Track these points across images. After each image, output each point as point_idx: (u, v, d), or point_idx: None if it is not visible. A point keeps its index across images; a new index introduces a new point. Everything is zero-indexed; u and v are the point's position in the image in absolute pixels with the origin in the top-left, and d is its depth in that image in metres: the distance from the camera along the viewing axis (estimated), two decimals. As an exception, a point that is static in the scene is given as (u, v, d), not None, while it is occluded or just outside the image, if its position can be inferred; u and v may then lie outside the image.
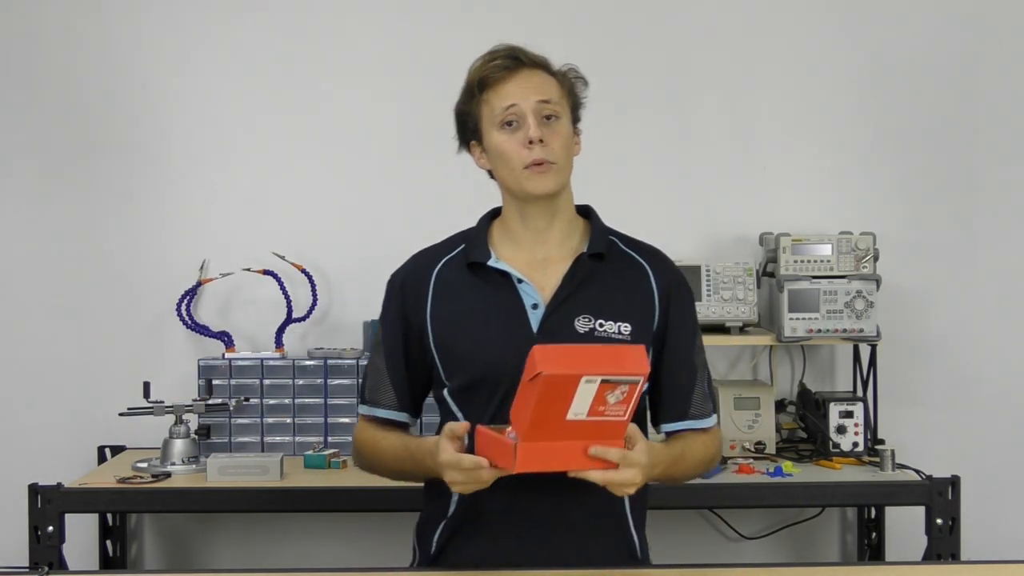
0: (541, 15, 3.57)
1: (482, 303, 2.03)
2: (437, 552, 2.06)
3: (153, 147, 3.56)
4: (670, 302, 2.08)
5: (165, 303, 3.52)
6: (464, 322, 2.03)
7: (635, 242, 2.15)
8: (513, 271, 2.03)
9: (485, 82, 2.00)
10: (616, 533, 2.07)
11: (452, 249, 2.10)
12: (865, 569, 2.58)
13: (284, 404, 3.36)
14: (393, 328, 2.09)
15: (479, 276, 2.05)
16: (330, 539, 3.57)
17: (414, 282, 2.08)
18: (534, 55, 2.03)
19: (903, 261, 3.56)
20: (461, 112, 2.06)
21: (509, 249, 2.06)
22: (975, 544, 3.27)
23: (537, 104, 1.98)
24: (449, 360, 2.04)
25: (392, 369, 2.09)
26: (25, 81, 3.55)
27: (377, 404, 2.11)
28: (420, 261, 2.12)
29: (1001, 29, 3.63)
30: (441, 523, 2.06)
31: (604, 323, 2.01)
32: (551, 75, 2.03)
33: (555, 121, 2.00)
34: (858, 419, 3.31)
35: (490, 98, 2.00)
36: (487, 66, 2.00)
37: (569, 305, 2.01)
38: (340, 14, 3.57)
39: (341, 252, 3.57)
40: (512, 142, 1.99)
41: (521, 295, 2.02)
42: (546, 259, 2.04)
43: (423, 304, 2.06)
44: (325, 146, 3.57)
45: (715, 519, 3.59)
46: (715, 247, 3.59)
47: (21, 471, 3.21)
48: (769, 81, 3.62)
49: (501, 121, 1.99)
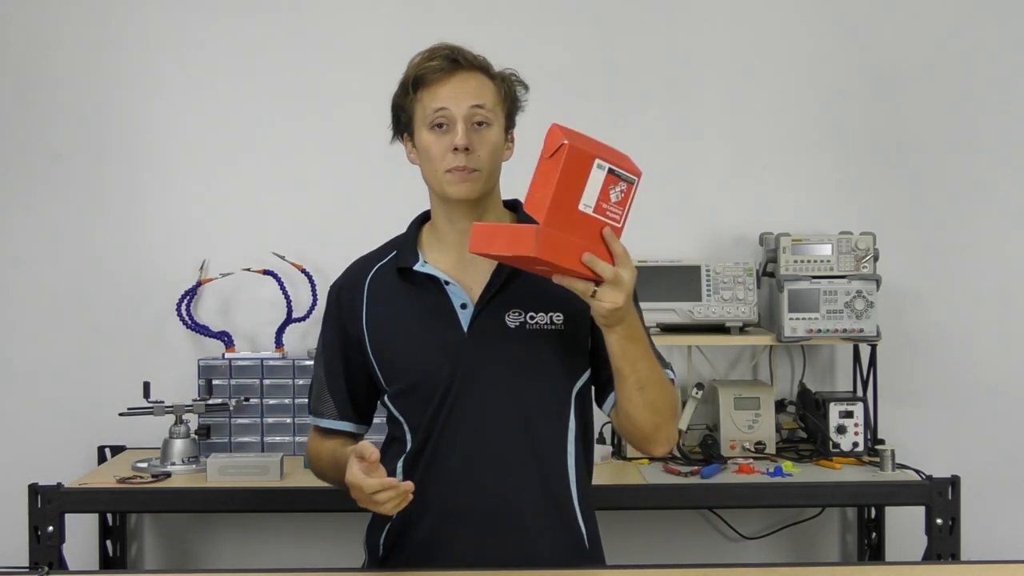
0: (540, 15, 3.57)
1: (413, 307, 2.05)
2: (385, 555, 2.07)
3: (154, 147, 3.56)
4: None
5: (165, 303, 3.52)
6: (397, 328, 2.05)
7: None
8: (439, 273, 2.04)
9: (420, 81, 1.99)
10: (562, 524, 2.04)
11: (384, 256, 2.12)
12: (865, 569, 2.58)
13: (284, 404, 3.37)
14: (332, 338, 2.13)
15: (409, 281, 2.06)
16: (330, 539, 3.56)
17: (349, 291, 2.11)
18: (473, 56, 2.02)
19: (903, 261, 3.56)
20: (396, 105, 2.06)
21: (437, 251, 2.07)
22: (975, 544, 3.27)
23: (469, 110, 1.98)
24: (386, 366, 2.06)
25: (331, 379, 2.12)
26: (25, 81, 3.55)
27: (320, 415, 2.15)
28: (354, 270, 2.15)
29: (1000, 29, 3.63)
30: (386, 525, 2.07)
31: (535, 315, 2.02)
32: (489, 78, 2.02)
33: (485, 128, 1.99)
34: (858, 419, 3.31)
35: (423, 97, 1.99)
36: (424, 65, 1.99)
37: (498, 302, 2.02)
38: (341, 15, 3.57)
39: (341, 252, 3.52)
40: (439, 144, 1.99)
41: (449, 296, 2.03)
42: (473, 258, 2.01)
43: (359, 312, 2.09)
44: (325, 146, 3.58)
45: (715, 519, 3.59)
46: (715, 247, 3.59)
47: (21, 471, 3.21)
48: (769, 81, 3.62)
49: (431, 122, 1.99)
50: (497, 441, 1.99)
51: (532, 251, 1.70)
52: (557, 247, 1.72)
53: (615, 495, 2.99)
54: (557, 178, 1.68)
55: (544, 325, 2.01)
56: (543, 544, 2.01)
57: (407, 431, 2.05)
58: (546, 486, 2.01)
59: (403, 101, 2.03)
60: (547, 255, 1.71)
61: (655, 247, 3.48)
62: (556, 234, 1.72)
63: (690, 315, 3.37)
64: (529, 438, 2.00)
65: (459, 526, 2.00)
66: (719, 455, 3.29)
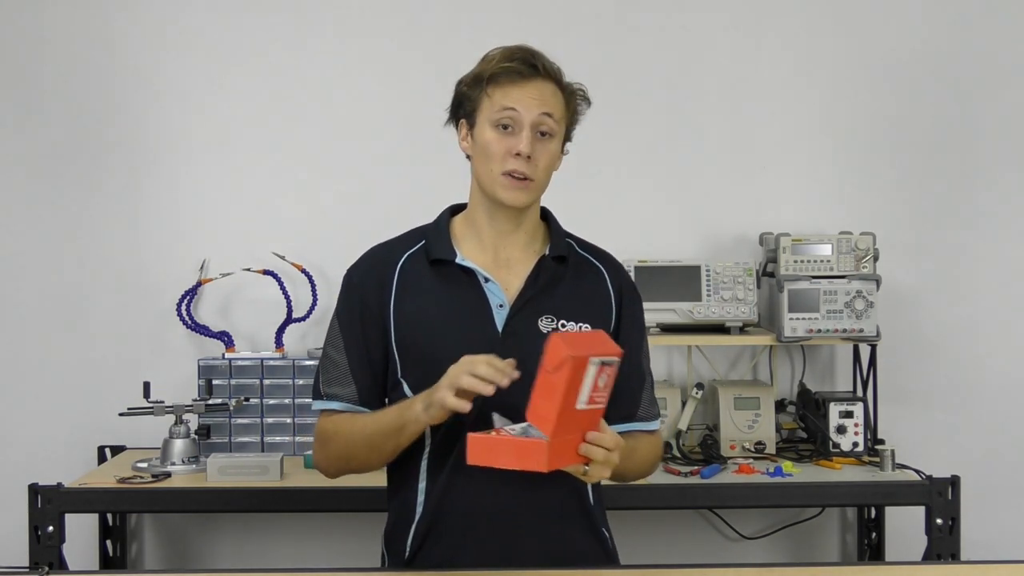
0: (542, 14, 3.57)
1: (447, 301, 2.03)
2: (411, 557, 2.05)
3: (153, 147, 3.56)
4: (623, 305, 2.10)
5: (165, 303, 3.52)
6: (428, 319, 2.02)
7: (589, 245, 2.16)
8: (480, 269, 2.03)
9: (495, 78, 1.98)
10: (588, 526, 2.07)
11: (412, 244, 2.09)
12: (865, 569, 2.58)
13: (284, 404, 3.36)
14: (353, 322, 2.06)
15: (442, 273, 2.04)
16: (330, 539, 3.56)
17: (375, 276, 2.06)
18: (551, 64, 2.01)
19: (903, 261, 3.57)
20: (462, 93, 2.04)
21: (472, 247, 2.06)
22: (975, 544, 3.28)
23: (538, 117, 1.98)
24: (409, 357, 2.03)
25: (353, 362, 2.05)
26: (25, 81, 3.55)
27: (337, 398, 2.07)
28: (379, 256, 2.10)
29: (1000, 30, 3.63)
30: (411, 528, 2.04)
31: (566, 324, 2.03)
32: (560, 90, 2.02)
33: (548, 139, 2.00)
34: (858, 419, 3.31)
35: (494, 94, 1.98)
36: (503, 65, 1.98)
37: (532, 306, 2.02)
38: (341, 16, 3.57)
39: (341, 252, 3.53)
40: (501, 144, 1.98)
41: (487, 294, 2.02)
42: (509, 259, 2.04)
43: (385, 299, 2.05)
44: (325, 146, 3.57)
45: (715, 519, 3.59)
46: (715, 247, 3.59)
47: (21, 471, 3.22)
48: (769, 81, 3.62)
49: (497, 120, 1.98)
50: None
51: (544, 467, 1.73)
52: (562, 453, 1.76)
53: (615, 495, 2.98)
54: (563, 392, 1.69)
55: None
56: (571, 546, 2.02)
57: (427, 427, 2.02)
58: (571, 488, 2.01)
59: (471, 91, 2.01)
60: (555, 464, 1.74)
61: (655, 247, 3.48)
62: (561, 442, 1.74)
63: (690, 315, 3.37)
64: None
65: (488, 527, 1.98)
66: (719, 455, 3.29)
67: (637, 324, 2.13)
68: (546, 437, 1.72)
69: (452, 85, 2.09)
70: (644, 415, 2.11)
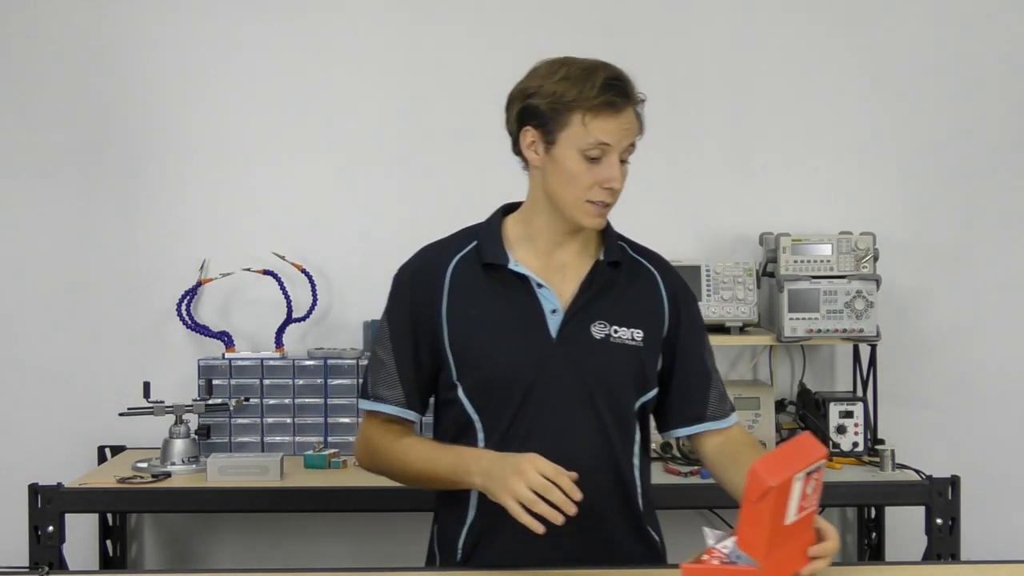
0: (541, 15, 3.57)
1: (500, 305, 2.02)
2: (464, 558, 2.04)
3: (153, 147, 3.56)
4: (679, 307, 2.10)
5: (165, 303, 3.52)
6: (481, 323, 2.01)
7: (641, 248, 2.16)
8: (533, 275, 2.02)
9: (592, 107, 1.93)
10: (639, 531, 2.08)
11: (464, 246, 2.07)
12: (865, 569, 2.58)
13: (284, 404, 3.36)
14: (402, 323, 2.05)
15: (495, 277, 2.03)
16: (330, 539, 3.57)
17: (427, 278, 2.05)
18: (637, 91, 1.99)
19: (903, 261, 3.56)
20: (536, 106, 1.97)
21: (526, 251, 2.05)
22: (975, 544, 3.28)
23: (625, 149, 1.98)
24: (464, 360, 2.02)
25: (401, 365, 2.04)
26: (27, 81, 3.55)
27: (383, 400, 2.06)
28: (431, 256, 2.08)
29: (1000, 29, 3.62)
30: (463, 529, 2.04)
31: (619, 329, 2.03)
32: (638, 115, 2.01)
33: (624, 164, 2.00)
34: (858, 419, 3.31)
35: (591, 125, 1.94)
36: (600, 97, 1.93)
37: (586, 311, 2.02)
38: (340, 16, 3.57)
39: (341, 252, 3.57)
40: (590, 175, 1.95)
41: (540, 300, 2.02)
42: (563, 264, 2.04)
43: (437, 301, 2.03)
44: (325, 146, 3.57)
45: (715, 519, 3.59)
46: (715, 247, 3.59)
47: (21, 471, 3.22)
48: (769, 81, 3.62)
49: (587, 151, 1.95)
50: (577, 449, 1.97)
51: None
52: (777, 569, 1.74)
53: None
54: (769, 519, 1.68)
55: (626, 340, 2.03)
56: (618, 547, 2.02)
57: (480, 430, 2.01)
58: (622, 493, 2.02)
59: (554, 105, 1.95)
60: None
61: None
62: (774, 561, 1.73)
63: (690, 315, 3.37)
64: (605, 447, 2.02)
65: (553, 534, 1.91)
66: (719, 455, 3.29)
67: (695, 324, 2.13)
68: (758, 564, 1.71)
69: (452, 86, 2.08)
70: (714, 414, 2.12)
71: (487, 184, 3.54)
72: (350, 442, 3.34)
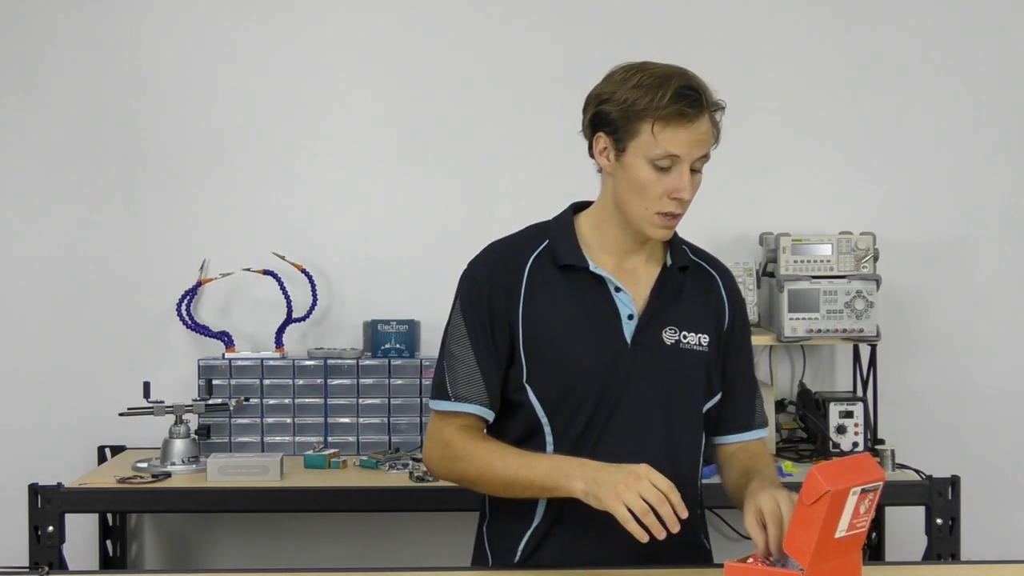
0: (540, 15, 3.56)
1: (577, 307, 1.99)
2: (523, 559, 2.02)
3: (153, 147, 3.56)
4: (735, 311, 2.10)
5: (165, 303, 3.52)
6: (558, 325, 1.98)
7: (701, 251, 2.16)
8: (612, 279, 2.00)
9: (662, 117, 1.91)
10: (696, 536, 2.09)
11: (536, 244, 2.03)
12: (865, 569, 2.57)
13: (284, 404, 3.37)
14: (480, 321, 1.99)
15: (572, 279, 2.00)
16: (330, 539, 3.56)
17: (504, 276, 2.00)
18: (712, 98, 1.97)
19: (903, 261, 3.56)
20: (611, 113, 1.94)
21: (599, 253, 2.03)
22: (975, 544, 3.27)
23: (697, 160, 1.96)
24: (537, 362, 1.98)
25: (483, 363, 1.98)
26: (27, 82, 3.55)
27: (465, 399, 1.98)
28: (505, 254, 2.04)
29: (1000, 29, 3.63)
30: (527, 532, 2.01)
31: (687, 335, 2.02)
32: (713, 123, 1.98)
33: (697, 174, 1.98)
34: (858, 419, 3.31)
35: (661, 135, 1.92)
36: (671, 107, 1.91)
37: (659, 317, 2.01)
38: (340, 16, 3.57)
39: (341, 252, 3.57)
40: (659, 186, 1.93)
41: (617, 304, 2.00)
42: (634, 269, 2.02)
43: (515, 300, 1.99)
44: (325, 147, 3.57)
45: (715, 519, 3.59)
46: (715, 247, 3.53)
47: (21, 471, 3.22)
48: (769, 80, 3.61)
49: (656, 160, 1.93)
50: (645, 453, 1.93)
51: None
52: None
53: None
54: (820, 525, 1.68)
55: (694, 346, 2.02)
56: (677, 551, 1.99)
57: (548, 434, 1.99)
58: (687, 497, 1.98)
59: (624, 118, 1.93)
60: None
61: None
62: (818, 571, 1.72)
63: (690, 315, 3.37)
64: (671, 452, 2.01)
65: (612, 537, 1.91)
66: (719, 455, 3.29)
67: (747, 329, 2.14)
68: (802, 569, 1.70)
69: (452, 86, 2.08)
70: (760, 422, 2.13)
71: (487, 184, 3.56)
72: (350, 442, 3.34)
